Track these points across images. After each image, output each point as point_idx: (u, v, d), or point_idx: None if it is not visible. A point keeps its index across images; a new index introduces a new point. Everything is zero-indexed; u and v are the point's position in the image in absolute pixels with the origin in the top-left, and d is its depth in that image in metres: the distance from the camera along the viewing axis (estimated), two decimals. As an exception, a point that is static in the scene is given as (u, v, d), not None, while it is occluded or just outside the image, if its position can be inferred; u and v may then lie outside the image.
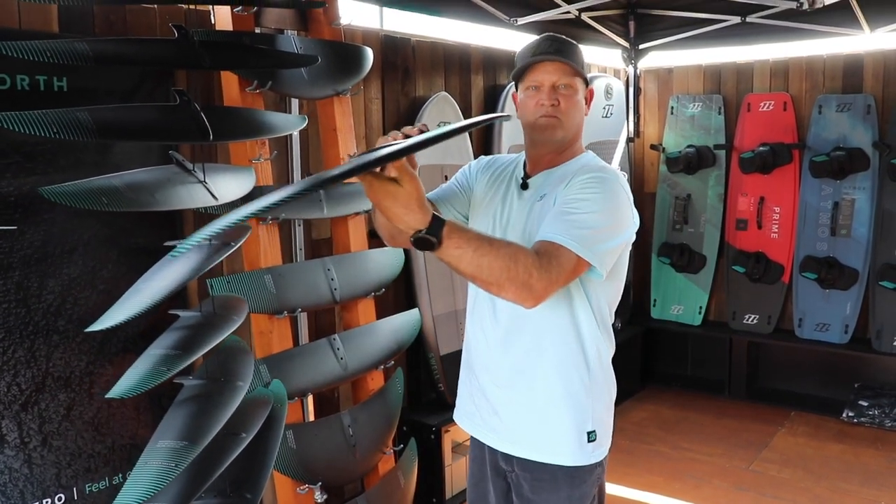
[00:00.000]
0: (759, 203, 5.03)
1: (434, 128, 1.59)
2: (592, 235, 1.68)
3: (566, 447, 1.86)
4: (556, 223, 1.69)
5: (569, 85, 1.83)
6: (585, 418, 1.87)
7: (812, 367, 5.06)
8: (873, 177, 4.68)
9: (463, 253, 1.52)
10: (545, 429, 1.87)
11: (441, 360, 3.79)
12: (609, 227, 1.73)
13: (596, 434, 1.88)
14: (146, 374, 1.84)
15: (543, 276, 1.59)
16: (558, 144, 1.88)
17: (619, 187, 1.79)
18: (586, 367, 1.86)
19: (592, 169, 1.82)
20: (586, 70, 1.89)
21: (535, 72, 1.85)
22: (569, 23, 4.53)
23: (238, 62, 2.30)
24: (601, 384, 1.91)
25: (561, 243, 1.65)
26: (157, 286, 1.87)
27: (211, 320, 2.08)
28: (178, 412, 2.02)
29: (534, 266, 1.58)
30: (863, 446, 4.38)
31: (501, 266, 1.54)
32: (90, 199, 1.79)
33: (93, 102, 2.43)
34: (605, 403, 1.93)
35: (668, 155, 5.35)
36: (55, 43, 1.78)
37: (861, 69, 4.76)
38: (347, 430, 2.88)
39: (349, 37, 3.25)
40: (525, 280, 1.57)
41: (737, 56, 5.20)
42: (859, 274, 4.73)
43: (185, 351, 1.90)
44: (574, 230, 1.67)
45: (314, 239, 3.33)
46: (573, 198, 1.73)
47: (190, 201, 2.02)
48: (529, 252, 1.61)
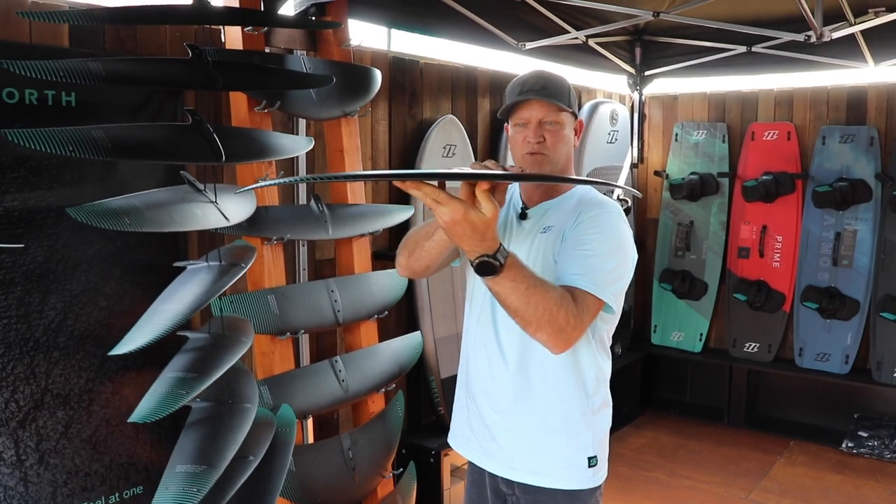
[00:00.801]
0: (762, 231, 5.03)
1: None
2: (608, 276, 1.75)
3: (568, 472, 1.90)
4: (576, 266, 1.74)
5: (555, 121, 1.88)
6: (586, 444, 1.91)
7: (812, 396, 5.04)
8: (875, 208, 4.68)
9: (516, 286, 1.57)
10: (546, 454, 1.90)
11: (442, 383, 3.76)
12: (621, 265, 1.80)
13: (597, 459, 1.92)
14: (165, 398, 1.85)
15: (577, 323, 1.66)
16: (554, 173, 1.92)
17: (624, 224, 1.86)
18: (586, 394, 1.90)
19: (598, 205, 1.88)
20: (575, 103, 1.95)
21: (521, 109, 1.89)
22: (576, 48, 4.55)
23: (253, 83, 2.30)
24: (600, 409, 1.95)
25: (586, 289, 1.70)
26: (175, 308, 1.87)
27: (220, 341, 2.06)
28: (192, 435, 2.01)
29: (572, 313, 1.64)
30: (862, 478, 4.35)
31: (546, 308, 1.60)
32: (113, 219, 1.80)
33: (101, 118, 2.43)
34: (603, 428, 1.97)
35: (672, 181, 5.35)
36: (69, 62, 1.78)
37: (865, 101, 4.78)
38: (347, 452, 2.85)
39: (357, 58, 3.26)
40: (563, 326, 1.63)
41: (742, 85, 5.22)
42: (860, 304, 4.72)
43: (202, 373, 1.89)
44: (593, 273, 1.72)
45: (317, 259, 3.32)
46: (585, 238, 1.79)
47: (205, 222, 2.02)
48: (570, 298, 1.66)
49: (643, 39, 5.00)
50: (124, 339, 1.86)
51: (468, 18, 3.77)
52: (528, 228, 1.92)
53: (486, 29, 3.92)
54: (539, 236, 1.88)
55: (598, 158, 4.86)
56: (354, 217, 3.02)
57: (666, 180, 5.42)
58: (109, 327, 2.53)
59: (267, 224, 2.62)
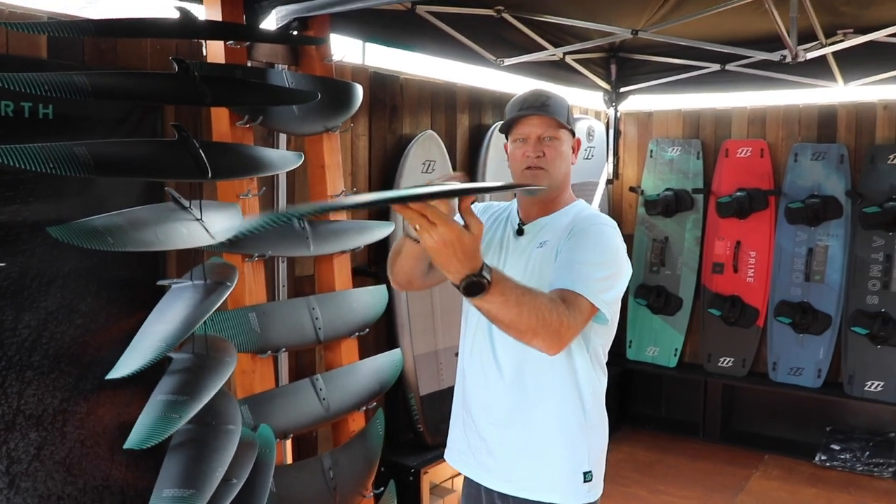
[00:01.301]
0: (736, 247, 5.08)
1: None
2: (600, 283, 1.76)
3: (563, 487, 1.90)
4: (569, 272, 1.76)
5: (554, 137, 1.91)
6: (582, 459, 1.91)
7: (785, 410, 5.08)
8: (846, 224, 4.76)
9: (506, 300, 1.53)
10: (542, 468, 1.90)
11: (421, 400, 3.73)
12: (614, 275, 1.81)
13: (592, 475, 1.92)
14: (159, 422, 1.80)
15: (570, 323, 1.66)
16: (550, 192, 1.95)
17: (618, 236, 1.88)
18: (582, 408, 1.91)
19: (591, 219, 1.91)
20: (573, 121, 1.99)
21: (521, 125, 1.94)
22: (553, 65, 4.58)
23: (241, 98, 2.27)
24: (596, 424, 1.97)
25: (579, 292, 1.71)
26: (167, 328, 1.83)
27: (205, 362, 2.02)
28: (177, 458, 1.96)
29: (564, 314, 1.64)
30: (836, 491, 4.39)
31: (538, 314, 1.58)
32: (96, 238, 1.74)
33: (79, 131, 2.38)
34: (599, 444, 1.99)
35: (647, 197, 5.39)
36: (54, 76, 1.73)
37: (835, 120, 4.87)
38: (328, 472, 2.81)
39: (338, 73, 3.23)
40: (557, 328, 1.62)
41: (716, 102, 5.29)
42: (832, 319, 4.79)
43: (192, 396, 1.85)
44: (586, 279, 1.74)
45: (297, 276, 3.28)
46: (578, 246, 1.81)
47: (190, 240, 1.97)
48: (559, 301, 1.66)
49: (618, 56, 5.05)
50: (120, 362, 1.82)
51: (447, 34, 3.77)
52: (525, 244, 1.95)
53: (465, 44, 3.93)
54: (535, 251, 1.91)
55: (575, 174, 4.82)
56: (335, 233, 2.98)
57: (641, 196, 5.46)
58: (85, 345, 2.47)
59: (248, 240, 2.58)
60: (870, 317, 4.61)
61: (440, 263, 1.45)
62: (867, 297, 4.67)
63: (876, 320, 4.57)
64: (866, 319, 4.61)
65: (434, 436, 3.78)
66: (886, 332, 4.56)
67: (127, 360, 1.85)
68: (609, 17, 3.94)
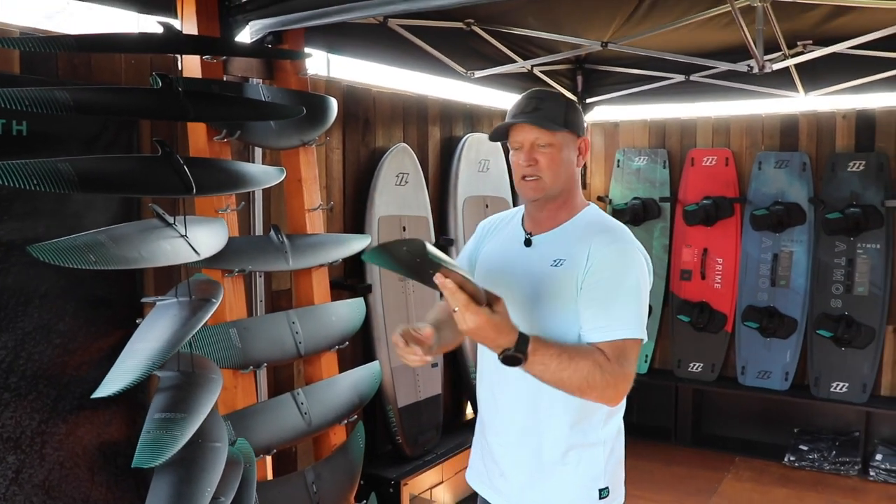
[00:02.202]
0: (703, 254, 5.17)
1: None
2: (638, 314, 1.75)
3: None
4: (600, 317, 1.73)
5: (548, 143, 1.83)
6: (597, 474, 1.86)
7: (754, 413, 5.17)
8: (810, 230, 4.88)
9: (546, 368, 1.62)
10: (553, 487, 1.85)
11: (399, 412, 3.73)
12: (644, 298, 1.80)
13: (609, 490, 1.86)
14: (163, 440, 1.77)
15: (622, 374, 1.68)
16: (544, 201, 1.87)
17: (639, 252, 1.82)
18: (600, 421, 1.86)
19: (605, 232, 1.83)
20: (575, 121, 1.87)
21: (514, 132, 1.88)
22: (523, 77, 4.63)
23: (224, 113, 2.26)
24: (612, 439, 1.90)
25: (625, 337, 1.71)
26: (153, 346, 1.80)
27: (193, 379, 2.00)
28: (166, 478, 1.93)
29: (612, 372, 1.66)
30: (805, 489, 4.48)
31: (582, 377, 1.63)
32: (77, 257, 1.71)
33: (53, 148, 2.35)
34: (616, 458, 1.93)
35: (615, 207, 5.46)
36: (35, 91, 1.71)
37: (796, 129, 5.00)
38: (311, 487, 2.79)
39: (312, 86, 3.24)
40: (605, 387, 1.66)
41: (681, 112, 5.39)
42: (798, 323, 4.89)
43: (188, 413, 1.83)
44: (625, 322, 1.72)
45: (274, 290, 3.26)
46: (601, 282, 1.75)
47: (174, 257, 1.95)
48: (604, 359, 1.67)
49: (585, 68, 5.12)
50: (106, 381, 1.78)
51: (418, 47, 3.80)
52: (536, 259, 1.86)
53: (435, 57, 3.96)
54: (551, 270, 1.81)
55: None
56: (313, 247, 2.98)
57: (609, 206, 5.53)
58: (64, 365, 2.43)
59: (227, 256, 2.56)
60: (834, 320, 4.72)
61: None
62: (831, 301, 4.79)
63: (840, 323, 4.69)
64: (830, 322, 4.72)
65: (412, 447, 3.78)
66: (850, 335, 4.67)
67: (113, 379, 1.82)
68: (577, 30, 4.01)
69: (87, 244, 1.81)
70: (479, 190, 4.42)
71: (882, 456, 4.59)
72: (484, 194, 4.46)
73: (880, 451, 4.62)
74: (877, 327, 4.68)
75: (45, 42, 1.87)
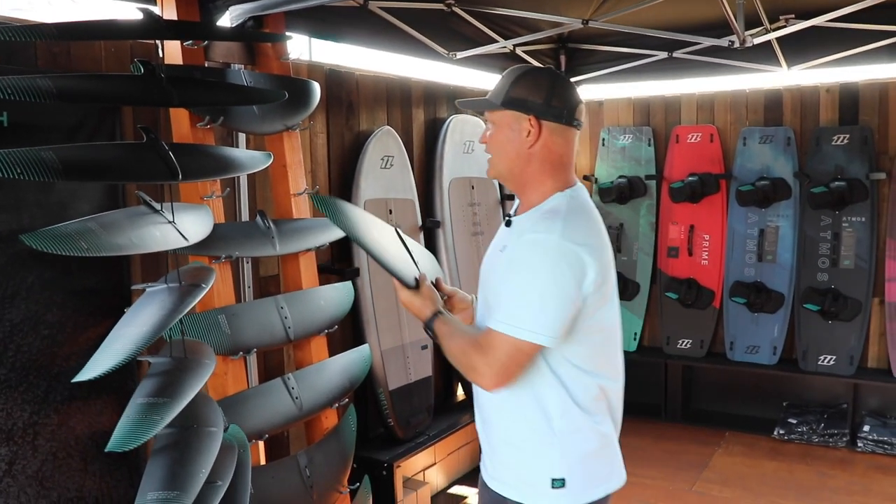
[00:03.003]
0: (690, 231, 5.20)
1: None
2: (513, 311, 1.72)
3: (531, 489, 1.85)
4: (489, 305, 1.83)
5: (491, 122, 1.84)
6: (552, 465, 1.82)
7: (744, 388, 5.22)
8: (795, 205, 4.91)
9: (442, 343, 1.85)
10: (513, 468, 1.89)
11: (390, 394, 3.75)
12: (538, 297, 1.71)
13: (565, 482, 1.81)
14: (140, 424, 1.77)
15: (484, 363, 1.75)
16: (506, 181, 1.89)
17: (554, 250, 1.71)
18: (546, 418, 1.81)
19: (532, 230, 1.76)
20: (522, 99, 1.77)
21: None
22: (505, 57, 4.61)
23: (207, 98, 2.25)
24: (570, 433, 1.82)
25: (492, 328, 1.74)
26: (138, 331, 1.80)
27: (184, 365, 2.00)
28: (160, 462, 1.94)
29: (474, 358, 1.77)
30: (795, 462, 4.54)
31: (454, 357, 1.82)
32: (69, 245, 1.70)
33: (35, 138, 2.33)
34: (577, 452, 1.84)
35: (601, 185, 5.48)
36: (17, 79, 1.70)
37: (780, 104, 5.01)
38: (304, 471, 2.81)
39: (295, 71, 3.22)
40: (468, 369, 1.79)
41: (665, 90, 5.39)
42: (785, 297, 4.93)
43: (172, 398, 1.83)
44: (502, 311, 1.74)
45: (262, 276, 3.26)
46: (509, 270, 1.76)
47: (164, 243, 1.95)
48: (476, 343, 1.77)
49: (567, 47, 5.11)
50: (88, 365, 1.78)
51: (400, 29, 3.78)
52: (502, 241, 1.89)
53: (417, 39, 3.94)
54: (497, 255, 1.87)
55: (531, 165, 4.92)
56: (300, 231, 2.97)
57: (595, 185, 5.54)
58: (53, 356, 2.43)
59: (214, 242, 2.55)
60: (820, 293, 4.76)
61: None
62: (817, 275, 4.83)
63: (826, 297, 4.73)
64: (817, 296, 4.76)
65: (405, 429, 3.80)
66: (836, 308, 4.72)
67: (96, 363, 1.81)
68: (558, 8, 3.99)
69: (77, 231, 1.80)
70: (464, 171, 4.42)
71: (870, 427, 4.65)
72: (469, 175, 4.46)
73: (868, 423, 4.68)
74: (863, 300, 4.72)
75: (25, 31, 1.86)
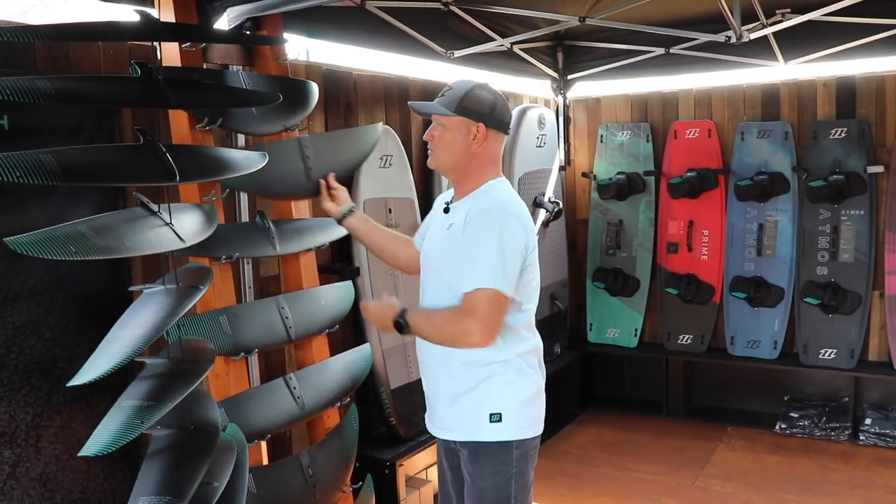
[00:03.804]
0: (689, 226, 5.21)
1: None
2: (488, 267, 2.07)
3: (473, 426, 2.22)
4: (459, 273, 2.11)
5: (441, 124, 2.22)
6: (490, 401, 2.20)
7: (745, 382, 5.23)
8: (793, 199, 4.92)
9: (420, 330, 2.19)
10: (453, 415, 2.26)
11: (392, 393, 3.75)
12: (502, 254, 2.08)
13: (501, 416, 2.19)
14: (121, 429, 1.75)
15: (473, 322, 2.06)
16: (447, 173, 2.30)
17: (501, 220, 2.13)
18: (488, 355, 2.17)
19: (479, 209, 2.15)
20: (467, 107, 2.17)
21: None
22: (502, 55, 4.62)
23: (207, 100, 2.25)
24: (506, 367, 2.21)
25: (473, 288, 2.07)
26: (134, 333, 1.79)
27: (180, 367, 2.00)
28: (154, 465, 1.93)
29: (459, 322, 2.09)
30: (797, 456, 4.55)
31: (440, 332, 2.15)
32: (56, 248, 1.69)
33: (35, 141, 2.34)
34: (516, 390, 2.22)
35: (600, 182, 5.48)
36: (15, 80, 1.70)
37: (778, 98, 5.02)
38: (307, 470, 2.81)
39: (293, 72, 3.22)
40: (458, 335, 2.10)
41: (662, 86, 5.39)
42: (785, 292, 4.94)
43: (158, 401, 1.81)
44: (475, 271, 2.07)
45: (262, 277, 3.26)
46: (464, 243, 2.13)
47: (159, 245, 1.94)
48: (454, 313, 2.11)
49: (564, 44, 5.12)
50: (84, 369, 1.77)
51: (397, 28, 3.78)
52: (444, 223, 2.27)
53: (415, 38, 3.94)
54: (445, 233, 2.24)
55: (528, 162, 4.94)
56: (300, 231, 2.98)
57: (594, 181, 5.55)
58: (55, 359, 2.43)
59: (214, 243, 2.55)
60: (820, 287, 4.77)
61: (381, 329, 2.31)
62: (817, 269, 4.84)
63: (826, 290, 4.74)
64: (817, 290, 4.77)
65: (407, 428, 3.80)
66: (836, 301, 4.73)
67: (91, 366, 1.79)
68: (554, 5, 3.99)
69: (67, 235, 1.78)
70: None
71: (871, 420, 4.66)
72: (469, 174, 4.45)
73: (869, 416, 4.69)
74: (863, 293, 4.73)
75: (23, 32, 1.86)
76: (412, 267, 2.54)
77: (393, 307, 2.19)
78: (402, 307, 2.19)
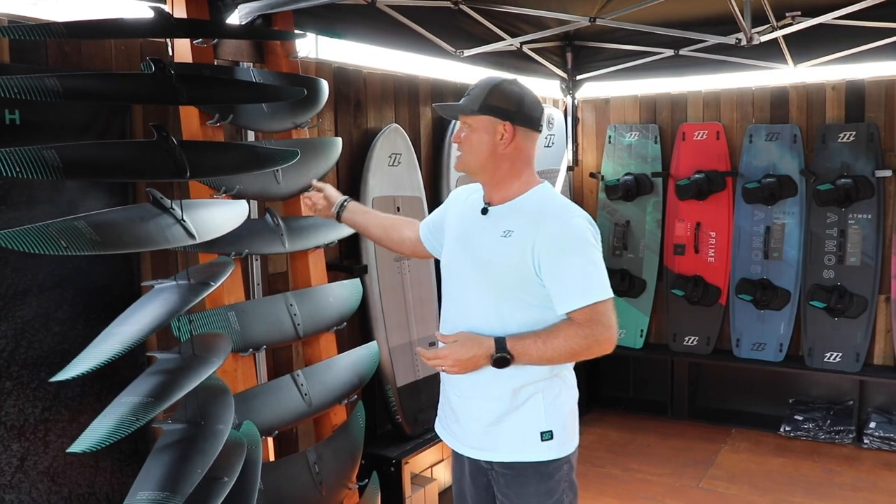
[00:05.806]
0: (696, 228, 5.20)
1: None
2: (599, 277, 1.97)
3: (523, 446, 2.07)
4: (572, 290, 1.96)
5: (468, 125, 2.08)
6: (538, 419, 2.07)
7: (750, 384, 5.22)
8: (801, 202, 4.91)
9: (530, 356, 1.95)
10: (499, 433, 2.09)
11: (398, 391, 3.76)
12: (598, 259, 2.01)
13: (552, 434, 2.07)
14: (115, 426, 1.72)
15: (601, 332, 1.93)
16: (476, 175, 2.13)
17: (585, 221, 2.04)
18: (530, 382, 2.04)
19: (556, 213, 2.03)
20: (497, 106, 2.03)
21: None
22: (512, 54, 4.63)
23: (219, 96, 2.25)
24: (557, 389, 2.10)
25: (591, 303, 1.93)
26: (130, 329, 1.78)
27: (190, 363, 2.00)
28: (159, 460, 1.93)
29: (588, 336, 1.93)
30: (801, 459, 4.55)
31: (565, 349, 1.93)
32: (46, 243, 1.65)
33: (47, 136, 2.35)
34: (561, 404, 2.12)
35: (607, 183, 5.48)
36: (25, 79, 1.71)
37: (787, 101, 5.00)
38: (313, 467, 2.82)
39: (303, 69, 3.23)
40: (586, 348, 1.94)
41: (671, 87, 5.38)
42: (791, 294, 4.93)
43: (158, 398, 1.80)
44: (588, 288, 1.95)
45: (271, 273, 3.27)
46: (562, 258, 1.97)
47: (163, 241, 1.93)
48: (578, 326, 1.93)
49: (574, 45, 5.12)
50: (70, 364, 1.75)
51: (407, 27, 3.79)
52: (489, 227, 2.08)
53: (425, 37, 3.95)
54: (501, 240, 2.03)
55: (537, 162, 4.89)
56: (309, 229, 2.99)
57: (601, 182, 5.54)
58: (64, 353, 2.43)
59: (223, 240, 2.56)
60: (826, 290, 4.76)
61: (476, 369, 2.01)
62: (823, 272, 4.83)
63: (832, 294, 4.73)
64: (823, 293, 4.76)
65: (413, 426, 3.81)
66: (843, 305, 4.72)
67: (80, 361, 1.76)
68: (565, 5, 4.00)
69: (59, 230, 1.74)
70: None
71: (876, 424, 4.65)
72: (477, 174, 4.46)
73: (874, 419, 4.68)
74: (869, 297, 4.72)
75: (35, 29, 1.86)
76: (419, 250, 2.42)
77: (479, 342, 1.97)
78: (493, 339, 1.96)
